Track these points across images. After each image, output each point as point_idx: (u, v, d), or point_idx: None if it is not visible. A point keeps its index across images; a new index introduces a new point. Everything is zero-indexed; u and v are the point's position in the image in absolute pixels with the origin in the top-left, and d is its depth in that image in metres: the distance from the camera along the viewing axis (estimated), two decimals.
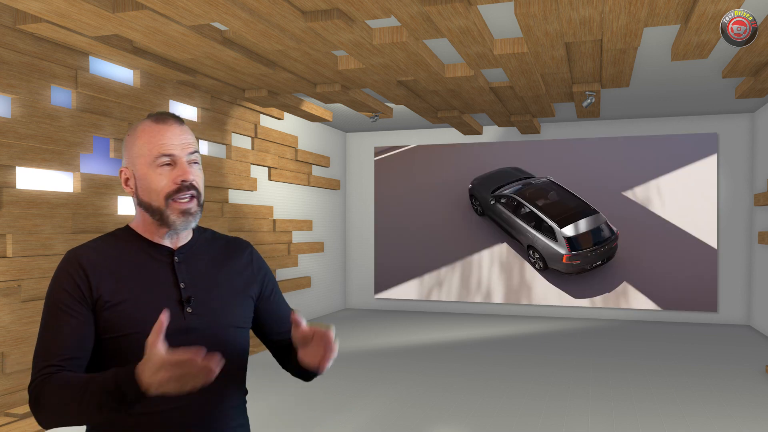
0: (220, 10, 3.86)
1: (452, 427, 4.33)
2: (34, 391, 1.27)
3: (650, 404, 4.86)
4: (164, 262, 1.43)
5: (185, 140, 1.40)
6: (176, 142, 1.39)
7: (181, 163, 1.39)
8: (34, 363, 1.31)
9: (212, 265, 1.48)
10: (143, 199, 1.40)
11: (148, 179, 1.38)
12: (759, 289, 8.25)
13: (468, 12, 4.01)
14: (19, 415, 4.25)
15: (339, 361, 6.34)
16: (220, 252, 1.52)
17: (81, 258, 1.37)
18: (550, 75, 5.93)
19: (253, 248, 1.59)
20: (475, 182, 9.67)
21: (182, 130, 1.41)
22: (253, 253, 1.58)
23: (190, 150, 1.40)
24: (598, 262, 9.03)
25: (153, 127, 1.40)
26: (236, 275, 1.51)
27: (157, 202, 1.39)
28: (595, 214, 9.03)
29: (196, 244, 1.50)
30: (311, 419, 4.50)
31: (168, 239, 1.45)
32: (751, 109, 8.39)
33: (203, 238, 1.52)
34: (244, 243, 1.59)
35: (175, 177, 1.38)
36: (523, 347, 7.08)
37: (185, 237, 1.48)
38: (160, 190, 1.38)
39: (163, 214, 1.39)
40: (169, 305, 1.38)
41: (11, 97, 4.44)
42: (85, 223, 4.99)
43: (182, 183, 1.38)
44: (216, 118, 6.76)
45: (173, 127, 1.40)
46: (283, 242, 8.21)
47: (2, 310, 4.32)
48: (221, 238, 1.57)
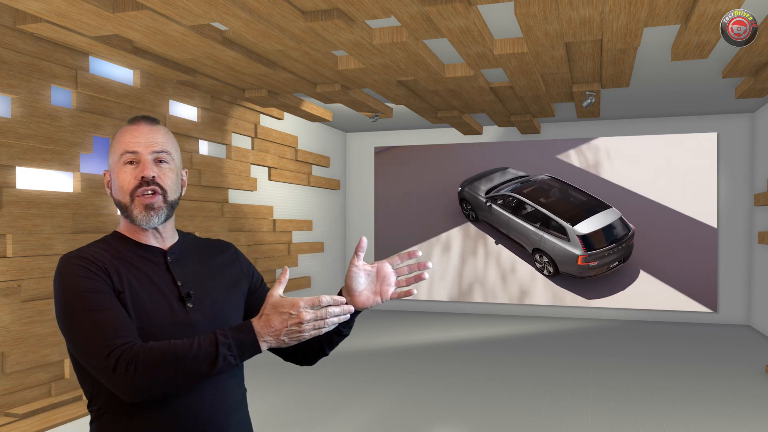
0: (220, 10, 3.86)
1: (452, 427, 4.33)
2: (124, 357, 1.24)
3: (650, 404, 4.86)
4: (158, 262, 1.46)
5: (151, 139, 1.43)
6: (141, 140, 1.42)
7: (143, 161, 1.42)
8: (96, 344, 1.27)
9: (202, 262, 1.52)
10: (115, 198, 1.45)
11: (118, 178, 1.43)
12: (759, 289, 8.25)
13: (468, 12, 4.01)
14: (19, 415, 4.25)
15: (339, 361, 6.34)
16: (206, 251, 1.57)
17: (82, 253, 1.38)
18: (550, 75, 5.93)
19: (236, 247, 1.64)
20: (464, 184, 8.82)
21: (151, 129, 1.45)
22: (237, 252, 1.63)
23: (155, 148, 1.43)
24: (615, 263, 8.35)
25: (124, 129, 1.46)
26: (225, 270, 1.55)
27: (124, 200, 1.43)
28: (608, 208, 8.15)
29: (184, 244, 1.54)
30: (311, 419, 4.50)
31: (154, 240, 1.48)
32: (751, 109, 8.39)
33: (187, 240, 1.56)
34: (226, 243, 1.64)
35: (137, 174, 1.42)
36: (523, 347, 7.08)
37: (172, 238, 1.51)
38: (126, 187, 1.42)
39: (128, 210, 1.42)
40: (169, 302, 1.40)
41: (11, 97, 4.44)
42: (85, 223, 4.99)
43: (142, 179, 1.41)
44: (216, 118, 6.76)
45: (141, 127, 1.44)
46: (283, 242, 8.21)
47: (2, 310, 4.32)
48: (203, 240, 1.61)
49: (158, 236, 1.48)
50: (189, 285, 1.45)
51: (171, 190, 1.45)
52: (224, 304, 1.49)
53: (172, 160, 1.46)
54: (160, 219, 1.43)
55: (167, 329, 1.37)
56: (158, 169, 1.43)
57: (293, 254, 8.47)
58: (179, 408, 1.36)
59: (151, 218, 1.42)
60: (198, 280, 1.48)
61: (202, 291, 1.46)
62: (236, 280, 1.55)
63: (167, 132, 1.50)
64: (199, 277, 1.48)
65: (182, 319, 1.40)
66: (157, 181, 1.42)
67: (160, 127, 1.48)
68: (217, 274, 1.52)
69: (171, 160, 1.46)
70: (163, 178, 1.43)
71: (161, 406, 1.35)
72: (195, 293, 1.45)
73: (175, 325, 1.38)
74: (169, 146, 1.46)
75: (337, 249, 10.15)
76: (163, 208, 1.43)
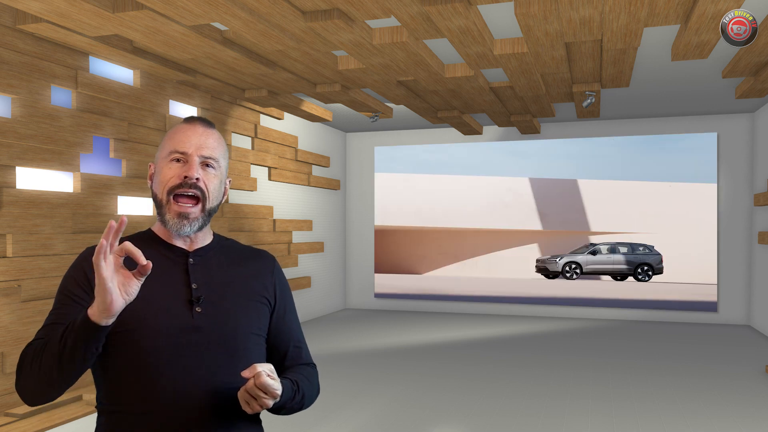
0: (220, 10, 3.86)
1: (452, 427, 4.33)
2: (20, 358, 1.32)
3: (650, 404, 4.86)
4: (178, 262, 1.44)
5: (203, 142, 1.43)
6: (193, 141, 1.42)
7: (191, 161, 1.41)
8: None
9: (228, 269, 1.49)
10: (154, 191, 1.44)
11: (162, 172, 1.42)
12: (759, 289, 8.25)
13: (468, 12, 4.01)
14: (19, 415, 4.25)
15: (339, 361, 6.34)
16: (239, 257, 1.53)
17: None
18: (550, 75, 5.93)
19: (278, 263, 1.59)
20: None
21: (205, 132, 1.44)
22: (275, 266, 1.58)
23: (205, 153, 1.42)
24: None
25: (179, 127, 1.46)
26: (252, 280, 1.51)
27: (161, 195, 1.41)
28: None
29: (215, 248, 1.51)
30: (311, 419, 4.50)
31: (182, 241, 1.46)
32: (751, 109, 8.39)
33: (223, 245, 1.53)
34: (267, 255, 1.59)
35: (181, 173, 1.40)
36: (522, 347, 7.08)
37: (202, 240, 1.49)
38: (166, 183, 1.41)
39: (162, 209, 1.41)
40: (177, 303, 1.39)
41: (11, 97, 4.44)
42: (85, 223, 4.99)
43: (185, 179, 1.39)
44: (216, 118, 6.76)
45: (196, 128, 1.44)
46: (283, 242, 8.21)
47: (2, 310, 4.32)
48: (244, 247, 1.57)
49: (187, 239, 1.47)
50: (204, 289, 1.42)
51: (213, 196, 1.44)
52: (239, 314, 1.44)
53: (218, 167, 1.45)
54: (193, 229, 1.42)
55: (162, 332, 1.35)
56: (203, 172, 1.42)
57: (293, 254, 8.47)
58: (181, 402, 1.35)
59: (183, 227, 1.41)
60: (217, 286, 1.44)
61: (218, 297, 1.43)
62: (261, 293, 1.50)
63: (220, 138, 1.49)
64: (219, 283, 1.45)
65: (185, 322, 1.38)
66: (199, 185, 1.41)
67: (214, 132, 1.47)
68: (242, 283, 1.48)
69: (218, 167, 1.45)
70: (206, 182, 1.42)
71: (162, 399, 1.34)
72: (209, 298, 1.42)
73: (174, 328, 1.36)
74: (218, 152, 1.45)
75: (337, 249, 10.15)
76: (199, 218, 1.42)
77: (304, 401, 1.45)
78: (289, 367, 1.55)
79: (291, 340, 1.56)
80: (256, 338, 1.47)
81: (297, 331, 1.58)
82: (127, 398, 1.35)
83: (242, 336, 1.43)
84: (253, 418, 1.47)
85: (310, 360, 1.59)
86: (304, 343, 1.60)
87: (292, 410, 1.43)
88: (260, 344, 1.48)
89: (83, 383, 5.03)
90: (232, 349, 1.41)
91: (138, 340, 1.34)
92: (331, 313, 9.85)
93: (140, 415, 1.35)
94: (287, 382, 1.38)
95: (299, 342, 1.57)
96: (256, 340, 1.47)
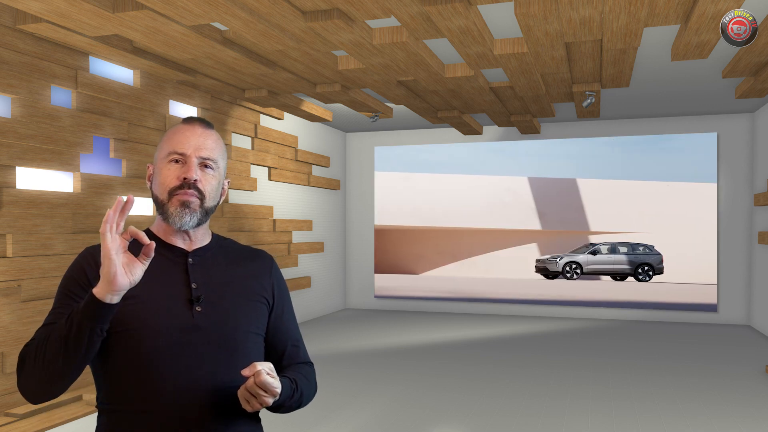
0: (220, 10, 3.86)
1: (452, 427, 4.33)
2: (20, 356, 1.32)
3: (650, 404, 4.86)
4: (178, 262, 1.45)
5: (202, 143, 1.43)
6: (191, 142, 1.42)
7: (189, 162, 1.41)
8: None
9: (227, 268, 1.50)
10: (154, 193, 1.45)
11: (161, 174, 1.43)
12: (759, 289, 8.25)
13: (468, 12, 4.01)
14: (19, 415, 4.25)
15: (339, 361, 6.34)
16: (238, 257, 1.54)
17: (95, 252, 1.41)
18: (550, 75, 5.93)
19: (276, 263, 1.60)
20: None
21: (204, 133, 1.45)
22: (273, 266, 1.59)
23: (203, 153, 1.43)
24: None
25: (177, 128, 1.46)
26: (251, 280, 1.51)
27: (162, 196, 1.42)
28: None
29: (213, 248, 1.52)
30: (311, 419, 4.50)
31: (181, 241, 1.47)
32: (751, 109, 8.39)
33: (221, 245, 1.54)
34: (265, 254, 1.60)
35: (180, 174, 1.41)
36: (522, 347, 7.08)
37: (201, 241, 1.50)
38: (166, 185, 1.41)
39: (163, 207, 1.42)
40: (177, 303, 1.39)
41: (11, 97, 4.44)
42: (85, 223, 4.99)
43: (184, 180, 1.40)
44: (216, 118, 6.76)
45: (195, 129, 1.44)
46: (283, 242, 8.21)
47: (2, 310, 4.32)
48: (242, 247, 1.58)
49: (186, 238, 1.47)
50: (204, 289, 1.43)
51: (210, 196, 1.44)
52: (239, 313, 1.45)
53: (217, 168, 1.46)
54: (193, 221, 1.42)
55: (162, 332, 1.36)
56: (202, 173, 1.43)
57: (293, 254, 8.47)
58: (181, 401, 1.35)
59: (184, 216, 1.41)
60: (216, 285, 1.45)
61: (218, 297, 1.44)
62: (260, 293, 1.51)
63: (219, 138, 1.49)
64: (218, 283, 1.46)
65: (185, 321, 1.38)
66: (198, 185, 1.41)
67: (213, 133, 1.47)
68: (241, 283, 1.49)
69: (216, 168, 1.46)
70: (204, 183, 1.43)
71: (162, 398, 1.34)
72: (208, 298, 1.42)
73: (174, 328, 1.37)
74: (217, 153, 1.46)
75: (337, 249, 10.15)
76: (198, 211, 1.42)
77: (303, 399, 1.47)
78: (286, 366, 1.56)
79: (289, 339, 1.57)
80: (255, 337, 1.47)
81: (294, 330, 1.60)
82: (128, 398, 1.35)
83: (242, 335, 1.44)
84: (253, 417, 1.47)
85: (308, 359, 1.61)
86: (301, 342, 1.61)
87: (291, 408, 1.44)
88: (259, 343, 1.49)
89: (83, 383, 5.03)
90: (231, 348, 1.42)
91: (138, 340, 1.35)
92: (331, 313, 9.85)
93: (140, 415, 1.35)
94: (286, 381, 1.39)
95: (297, 341, 1.59)
96: (255, 340, 1.48)
